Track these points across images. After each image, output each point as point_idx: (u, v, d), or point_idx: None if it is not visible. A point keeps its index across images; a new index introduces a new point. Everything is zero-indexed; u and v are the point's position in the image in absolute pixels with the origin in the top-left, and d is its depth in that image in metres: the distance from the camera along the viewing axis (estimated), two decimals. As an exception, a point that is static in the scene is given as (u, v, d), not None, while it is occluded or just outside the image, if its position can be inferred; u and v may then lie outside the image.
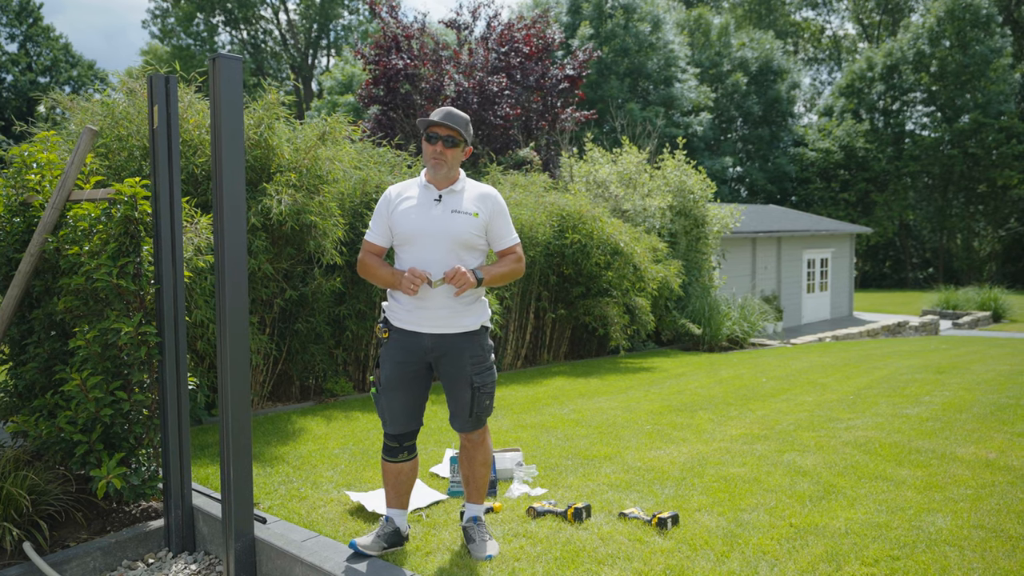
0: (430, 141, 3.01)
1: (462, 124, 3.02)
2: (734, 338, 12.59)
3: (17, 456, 3.55)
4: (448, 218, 3.04)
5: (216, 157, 3.06)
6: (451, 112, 3.00)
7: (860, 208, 38.99)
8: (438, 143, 3.00)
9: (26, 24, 40.52)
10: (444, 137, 3.00)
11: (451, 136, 3.00)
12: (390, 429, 3.13)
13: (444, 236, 3.03)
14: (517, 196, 9.61)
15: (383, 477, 3.23)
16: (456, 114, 3.02)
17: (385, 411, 3.10)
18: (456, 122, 3.00)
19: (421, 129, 3.03)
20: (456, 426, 3.18)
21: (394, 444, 3.15)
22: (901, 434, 5.05)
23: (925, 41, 37.39)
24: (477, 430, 3.18)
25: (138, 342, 3.40)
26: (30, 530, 3.32)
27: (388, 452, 3.18)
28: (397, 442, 3.15)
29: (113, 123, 5.77)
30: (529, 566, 2.98)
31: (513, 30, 15.77)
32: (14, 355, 4.21)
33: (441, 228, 3.03)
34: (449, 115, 3.00)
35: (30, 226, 4.13)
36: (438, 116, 2.99)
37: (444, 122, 2.97)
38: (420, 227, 3.02)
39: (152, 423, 3.60)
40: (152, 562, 3.44)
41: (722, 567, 2.94)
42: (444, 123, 2.97)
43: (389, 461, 3.19)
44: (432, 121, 2.99)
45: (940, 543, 3.12)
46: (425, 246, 3.02)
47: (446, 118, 2.98)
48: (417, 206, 3.04)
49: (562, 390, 7.41)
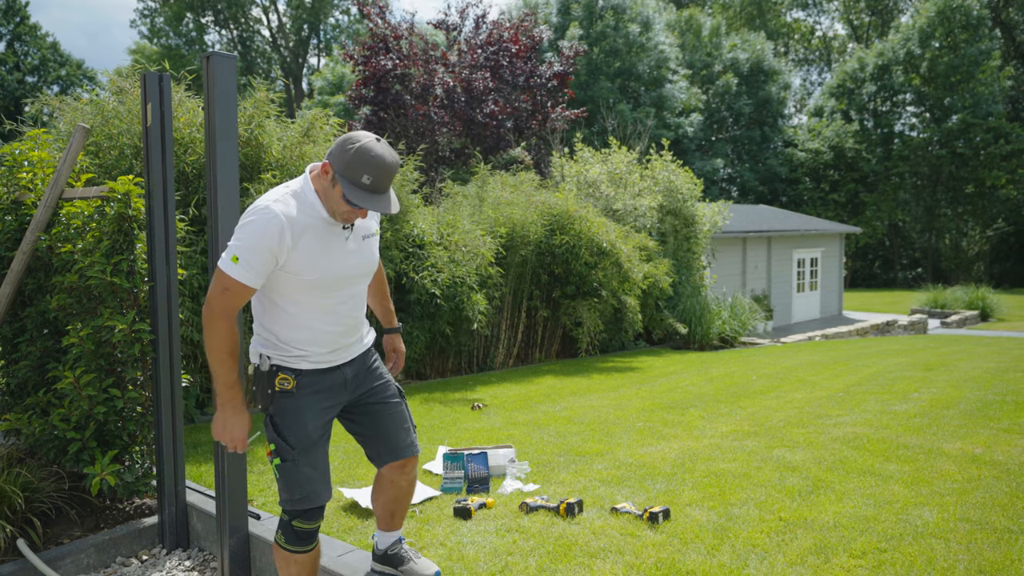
0: (354, 206, 2.26)
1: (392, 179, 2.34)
2: (725, 337, 12.66)
3: (10, 454, 3.55)
4: (364, 249, 2.48)
5: (210, 154, 3.07)
6: (387, 172, 2.26)
7: (849, 208, 39.23)
8: (362, 210, 2.32)
9: (13, 23, 40.24)
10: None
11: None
12: (318, 500, 2.45)
13: (366, 276, 2.52)
14: (508, 195, 9.65)
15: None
16: (392, 170, 2.29)
17: (309, 480, 2.41)
18: (390, 186, 2.32)
19: (346, 192, 2.23)
20: (403, 452, 2.64)
21: (312, 525, 2.48)
22: (889, 430, 5.10)
23: (916, 42, 37.64)
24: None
25: (132, 339, 3.41)
26: (24, 527, 3.32)
27: (303, 539, 2.48)
28: (317, 518, 2.49)
29: (103, 122, 5.77)
30: (522, 560, 3.00)
31: (501, 29, 15.80)
32: (6, 353, 4.20)
33: (365, 266, 2.48)
34: (384, 181, 2.26)
35: (22, 224, 4.13)
36: (377, 204, 2.26)
37: (373, 208, 2.26)
38: (342, 269, 2.39)
39: (146, 420, 3.61)
40: (146, 559, 3.45)
41: (712, 560, 2.97)
42: (379, 210, 2.27)
43: (303, 551, 2.49)
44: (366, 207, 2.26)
45: (927, 536, 3.17)
46: (342, 294, 2.42)
47: (381, 188, 2.26)
48: (327, 239, 2.35)
49: (554, 388, 7.45)
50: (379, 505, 2.79)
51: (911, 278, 40.68)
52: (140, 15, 46.85)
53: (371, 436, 2.64)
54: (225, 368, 2.29)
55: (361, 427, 2.64)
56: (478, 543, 3.19)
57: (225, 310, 2.26)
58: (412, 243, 7.99)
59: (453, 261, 7.96)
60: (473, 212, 9.25)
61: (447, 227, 8.43)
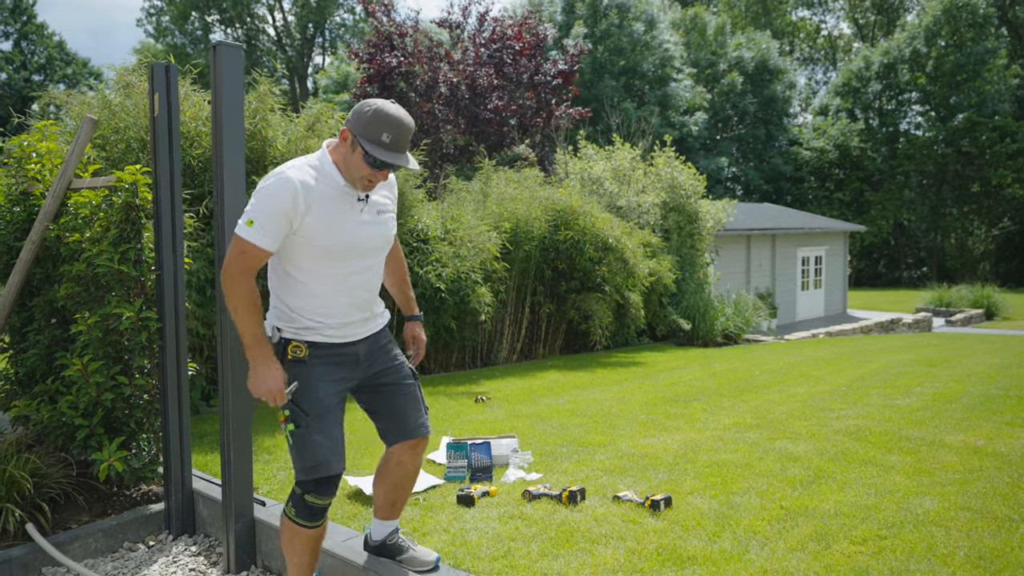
0: (374, 166, 2.32)
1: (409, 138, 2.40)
2: (728, 334, 12.67)
3: (19, 440, 3.59)
4: (379, 223, 2.52)
5: (217, 143, 3.11)
6: (405, 129, 2.33)
7: (855, 207, 39.15)
8: (383, 172, 2.37)
9: (20, 22, 40.42)
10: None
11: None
12: (330, 469, 2.42)
13: (380, 249, 2.55)
14: (512, 191, 9.67)
15: (297, 555, 2.54)
16: (409, 129, 2.35)
17: (320, 447, 2.41)
18: (408, 143, 2.38)
19: (368, 150, 2.29)
20: (415, 432, 2.67)
21: (325, 500, 2.49)
22: (892, 423, 5.12)
23: (921, 41, 37.54)
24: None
25: (139, 327, 3.45)
26: (32, 512, 3.36)
27: (313, 514, 2.48)
28: (330, 493, 2.49)
29: (110, 116, 5.82)
30: (524, 545, 3.03)
31: (504, 26, 15.83)
32: (14, 343, 4.24)
33: (379, 239, 2.52)
34: (403, 139, 2.33)
35: (30, 215, 4.17)
36: (391, 138, 2.30)
37: (400, 164, 2.33)
38: (356, 239, 2.43)
39: (152, 408, 3.64)
40: (153, 544, 3.48)
41: (714, 546, 3.00)
42: (399, 165, 2.34)
43: (310, 527, 2.50)
44: (391, 163, 2.32)
45: (927, 523, 3.19)
46: (354, 265, 2.47)
47: (401, 146, 2.33)
48: (342, 208, 2.40)
49: (557, 382, 7.47)
50: (382, 491, 2.78)
51: (916, 277, 40.58)
52: (147, 14, 46.99)
53: (384, 414, 2.67)
54: (250, 323, 2.33)
55: (374, 404, 2.67)
56: (481, 529, 3.22)
57: (242, 271, 2.32)
58: (416, 238, 8.03)
59: (458, 256, 8.00)
60: (477, 208, 9.28)
61: (452, 222, 8.46)
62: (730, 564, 2.82)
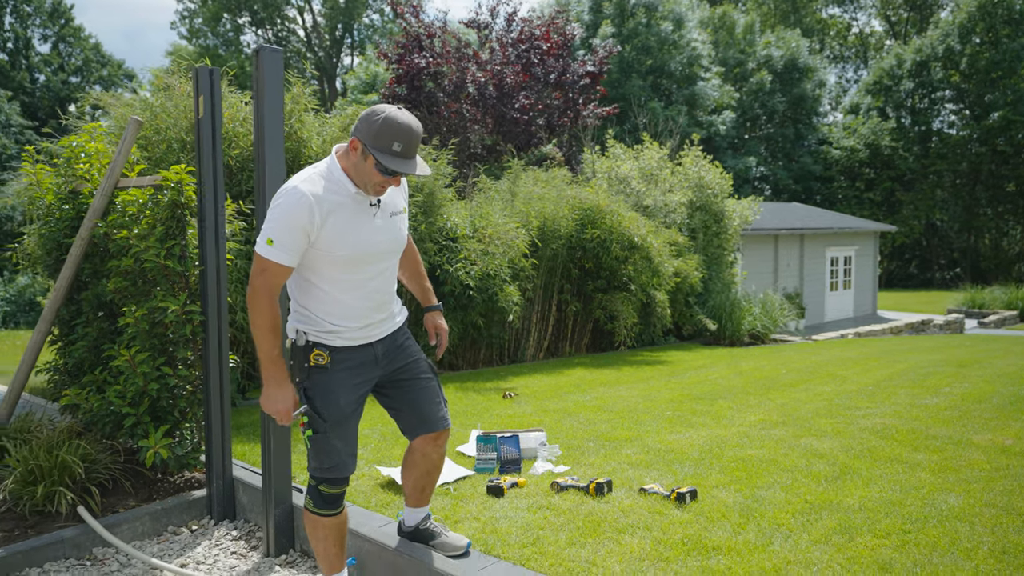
0: (385, 174, 2.38)
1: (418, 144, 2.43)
2: (755, 333, 12.64)
3: (70, 428, 3.77)
4: (392, 226, 2.58)
5: (259, 144, 3.24)
6: (414, 136, 2.37)
7: (886, 207, 38.61)
8: (395, 177, 2.43)
9: (58, 25, 41.37)
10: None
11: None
12: (345, 471, 2.59)
13: (395, 252, 2.62)
14: (539, 190, 9.76)
15: (322, 542, 2.66)
16: (417, 135, 2.38)
17: (337, 452, 2.55)
18: (417, 149, 2.41)
19: (380, 159, 2.32)
20: (436, 425, 2.77)
21: (338, 490, 2.62)
22: (919, 422, 5.12)
23: (955, 38, 36.91)
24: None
25: (184, 320, 3.60)
26: (83, 496, 3.53)
27: (329, 503, 2.61)
28: (342, 483, 2.63)
29: (152, 117, 6.01)
30: (553, 534, 3.13)
31: (531, 26, 15.92)
32: (62, 335, 4.43)
33: (393, 242, 2.59)
34: (412, 146, 2.37)
35: (79, 213, 4.36)
36: (401, 148, 2.34)
37: (407, 171, 2.36)
38: (371, 245, 2.50)
39: (195, 398, 3.80)
40: (196, 528, 3.63)
41: (738, 537, 3.06)
42: (408, 173, 2.37)
43: (332, 515, 2.63)
44: (398, 171, 2.35)
45: (951, 519, 3.22)
46: (372, 270, 2.54)
47: (410, 152, 2.37)
48: (356, 216, 2.45)
49: (583, 379, 7.55)
50: (410, 481, 2.90)
51: (949, 278, 39.90)
52: (180, 16, 47.83)
53: (404, 410, 2.76)
54: (268, 344, 2.42)
55: (394, 401, 2.76)
56: (511, 518, 3.32)
57: (266, 289, 2.39)
58: (445, 236, 8.15)
59: (487, 254, 8.11)
60: (505, 206, 9.38)
61: (481, 219, 8.58)
62: (754, 554, 2.89)
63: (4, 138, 32.59)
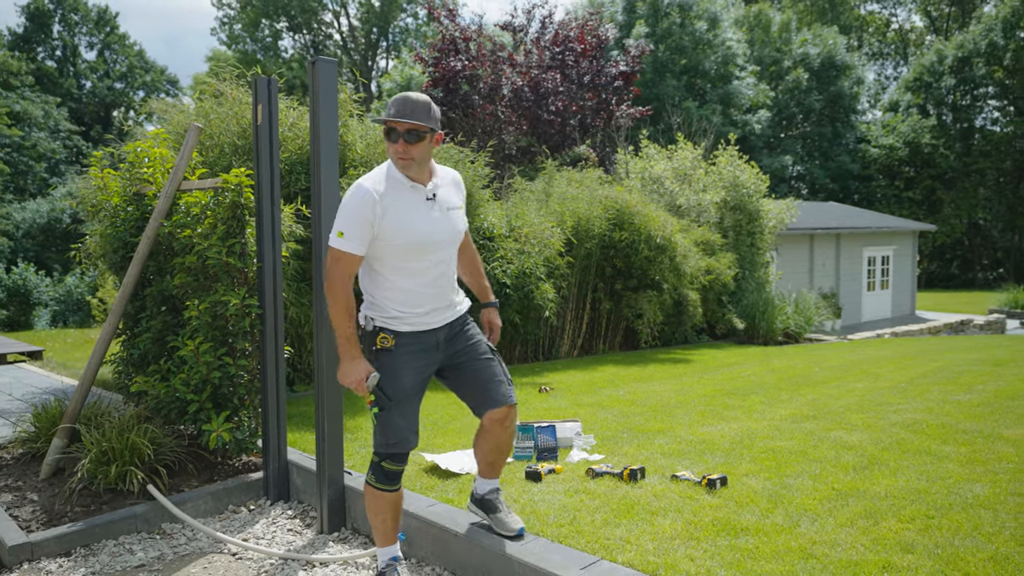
0: (390, 139, 2.66)
1: (422, 113, 2.64)
2: (789, 332, 12.65)
3: (139, 413, 4.05)
4: (449, 219, 2.82)
5: (315, 149, 3.48)
6: (406, 100, 2.64)
7: (926, 207, 37.94)
8: (399, 141, 2.65)
9: (103, 32, 42.61)
10: (404, 133, 2.64)
11: (412, 130, 2.64)
12: (408, 445, 2.81)
13: (451, 243, 2.85)
14: (573, 190, 9.94)
15: (380, 516, 2.87)
16: (412, 101, 2.64)
17: (400, 429, 2.77)
18: (415, 113, 2.63)
19: (377, 121, 2.71)
20: (500, 401, 2.92)
21: (399, 467, 2.84)
22: (949, 417, 5.19)
23: (999, 33, 36.13)
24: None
25: (243, 313, 3.86)
26: (151, 476, 3.81)
27: (390, 479, 2.83)
28: (403, 461, 2.85)
29: (206, 123, 6.32)
30: (589, 515, 3.31)
31: (567, 29, 16.07)
32: (127, 328, 4.74)
33: (449, 233, 2.82)
34: (403, 105, 2.63)
35: (143, 214, 4.66)
36: (393, 109, 2.63)
37: (399, 119, 2.61)
38: (427, 235, 2.74)
39: (253, 386, 4.06)
40: (253, 508, 3.89)
41: (766, 520, 3.22)
42: (400, 120, 2.61)
43: (391, 490, 2.84)
44: (385, 119, 2.64)
45: (976, 507, 3.33)
46: (430, 259, 2.78)
47: (401, 112, 2.62)
48: (414, 208, 2.72)
49: (617, 375, 7.71)
50: (481, 453, 3.10)
51: (992, 278, 39.04)
52: (220, 23, 48.93)
53: (467, 390, 2.98)
54: (345, 325, 2.69)
55: (458, 383, 2.99)
56: (548, 501, 3.51)
57: (340, 276, 2.67)
58: (483, 236, 8.37)
59: (522, 252, 8.31)
60: (540, 206, 9.58)
61: (517, 219, 8.79)
62: (781, 535, 3.04)
63: (53, 143, 33.72)
